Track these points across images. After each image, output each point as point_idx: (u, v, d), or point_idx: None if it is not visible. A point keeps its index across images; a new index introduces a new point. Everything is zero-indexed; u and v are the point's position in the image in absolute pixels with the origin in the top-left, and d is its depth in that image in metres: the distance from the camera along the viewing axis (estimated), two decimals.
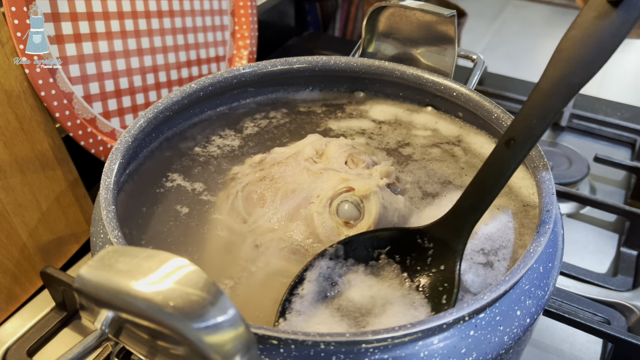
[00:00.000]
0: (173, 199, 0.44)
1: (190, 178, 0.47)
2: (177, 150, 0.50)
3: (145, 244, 0.40)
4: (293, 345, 0.29)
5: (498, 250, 0.39)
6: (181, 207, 0.44)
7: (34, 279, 0.54)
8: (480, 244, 0.40)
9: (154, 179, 0.46)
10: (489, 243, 0.40)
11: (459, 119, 0.53)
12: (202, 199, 0.45)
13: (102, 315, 0.25)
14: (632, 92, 1.60)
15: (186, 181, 0.46)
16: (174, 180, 0.46)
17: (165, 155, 0.49)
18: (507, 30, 1.96)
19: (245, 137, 0.52)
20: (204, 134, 0.52)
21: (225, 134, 0.52)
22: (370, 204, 0.40)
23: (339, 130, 0.53)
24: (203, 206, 0.44)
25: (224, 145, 0.51)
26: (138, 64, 0.61)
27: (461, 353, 0.31)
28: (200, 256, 0.40)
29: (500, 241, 0.40)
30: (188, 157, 0.49)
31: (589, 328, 0.49)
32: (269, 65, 0.54)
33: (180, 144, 0.50)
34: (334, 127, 0.53)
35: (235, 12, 0.74)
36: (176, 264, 0.24)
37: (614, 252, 0.62)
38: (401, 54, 0.56)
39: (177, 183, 0.46)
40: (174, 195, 0.45)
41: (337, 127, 0.53)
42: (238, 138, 0.52)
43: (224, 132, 0.52)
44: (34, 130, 0.52)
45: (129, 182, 0.45)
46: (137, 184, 0.46)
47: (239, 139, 0.51)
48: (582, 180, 0.71)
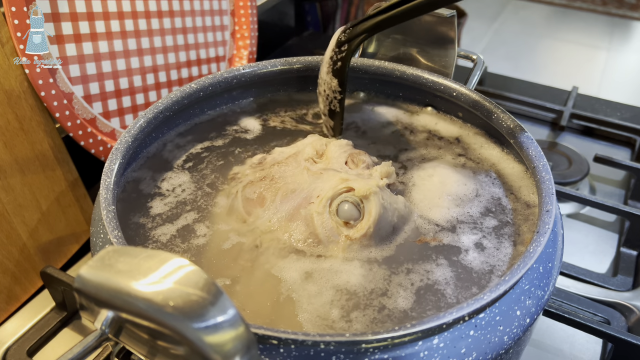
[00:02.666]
0: (173, 198, 0.44)
1: (190, 178, 0.47)
2: (177, 150, 0.50)
3: (145, 244, 0.40)
4: (293, 345, 0.29)
5: (498, 250, 0.40)
6: (181, 207, 0.44)
7: (34, 279, 0.54)
8: (479, 242, 0.40)
9: (154, 179, 0.46)
10: (487, 242, 0.40)
11: (459, 119, 0.53)
12: (202, 198, 0.45)
13: (102, 315, 0.25)
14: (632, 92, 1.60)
15: (186, 181, 0.46)
16: (174, 180, 0.46)
17: (165, 155, 0.49)
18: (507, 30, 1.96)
19: (246, 137, 0.52)
20: (203, 134, 0.52)
21: (225, 134, 0.52)
22: (370, 204, 0.40)
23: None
24: (203, 206, 0.44)
25: (224, 145, 0.51)
26: (138, 64, 0.61)
27: (461, 353, 0.31)
28: (200, 256, 0.40)
29: (499, 241, 0.40)
30: (188, 157, 0.49)
31: (589, 328, 0.49)
32: (269, 65, 0.54)
33: (180, 144, 0.50)
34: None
35: (235, 12, 0.74)
36: (176, 263, 0.24)
37: (613, 252, 0.62)
38: (401, 54, 0.56)
39: (177, 183, 0.46)
40: (174, 195, 0.45)
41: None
42: (238, 138, 0.52)
43: (224, 132, 0.52)
44: (34, 130, 0.52)
45: (129, 182, 0.45)
46: (138, 183, 0.46)
47: (239, 139, 0.51)
48: (582, 180, 0.71)
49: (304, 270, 0.38)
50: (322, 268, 0.38)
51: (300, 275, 0.38)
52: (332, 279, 0.37)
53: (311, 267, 0.38)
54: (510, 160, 0.48)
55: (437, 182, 0.46)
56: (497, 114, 0.47)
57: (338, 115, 0.50)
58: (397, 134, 0.52)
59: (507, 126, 0.46)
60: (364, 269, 0.38)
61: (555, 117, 0.83)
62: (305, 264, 0.38)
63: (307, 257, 0.39)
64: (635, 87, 1.64)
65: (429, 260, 0.39)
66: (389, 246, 0.40)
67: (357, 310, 0.35)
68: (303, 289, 0.37)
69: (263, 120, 0.54)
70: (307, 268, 0.38)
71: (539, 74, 1.48)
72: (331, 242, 0.40)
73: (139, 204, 0.44)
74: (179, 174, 0.47)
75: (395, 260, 0.39)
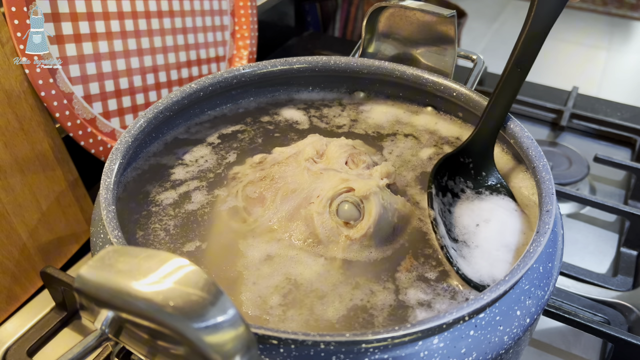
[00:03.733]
0: (173, 199, 0.44)
1: (190, 178, 0.47)
2: (177, 150, 0.50)
3: (145, 244, 0.40)
4: (293, 345, 0.29)
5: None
6: (181, 207, 0.44)
7: (34, 279, 0.54)
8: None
9: (154, 179, 0.46)
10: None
11: (459, 119, 0.53)
12: (202, 198, 0.45)
13: (102, 315, 0.25)
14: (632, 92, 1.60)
15: (186, 181, 0.46)
16: (174, 180, 0.46)
17: (165, 155, 0.49)
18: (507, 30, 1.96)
19: (246, 137, 0.52)
20: (203, 134, 0.52)
21: (225, 134, 0.52)
22: (370, 204, 0.40)
23: (339, 130, 0.53)
24: (203, 206, 0.44)
25: (224, 145, 0.51)
26: (138, 64, 0.61)
27: (461, 353, 0.31)
28: (200, 256, 0.40)
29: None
30: (188, 157, 0.49)
31: (589, 328, 0.49)
32: (269, 65, 0.54)
33: (180, 144, 0.50)
34: (334, 128, 0.53)
35: (235, 12, 0.74)
36: (176, 264, 0.24)
37: (614, 252, 0.62)
38: (401, 54, 0.56)
39: (177, 183, 0.46)
40: (174, 195, 0.45)
41: (337, 127, 0.53)
42: (238, 138, 0.52)
43: (224, 132, 0.52)
44: (34, 130, 0.52)
45: (129, 182, 0.45)
46: (137, 183, 0.46)
47: (239, 139, 0.51)
48: (582, 180, 0.71)
49: (266, 252, 0.39)
50: (284, 255, 0.39)
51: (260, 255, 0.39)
52: (289, 266, 0.38)
53: (274, 252, 0.40)
54: (510, 160, 0.48)
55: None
56: None
57: None
58: (396, 134, 0.52)
59: (507, 126, 0.46)
60: (319, 266, 0.39)
61: (555, 117, 0.83)
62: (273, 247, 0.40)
63: (307, 257, 0.39)
64: (635, 87, 1.64)
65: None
66: (389, 247, 0.40)
67: (296, 304, 0.36)
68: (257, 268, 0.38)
69: (263, 121, 0.54)
70: (270, 251, 0.40)
71: (539, 74, 1.48)
72: (331, 242, 0.40)
73: (139, 204, 0.44)
74: (179, 173, 0.47)
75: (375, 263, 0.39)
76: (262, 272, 0.38)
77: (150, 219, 0.42)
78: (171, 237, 0.41)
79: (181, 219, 0.43)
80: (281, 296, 0.37)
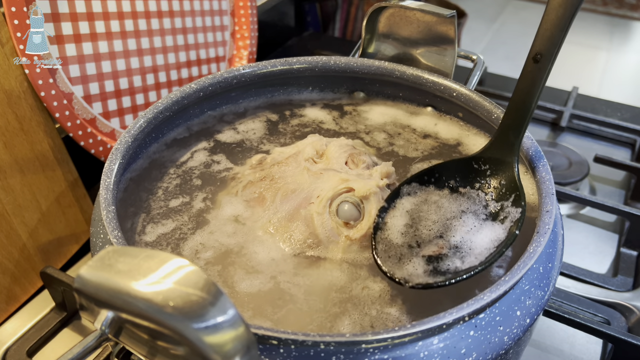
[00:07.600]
0: (173, 198, 0.44)
1: (190, 178, 0.47)
2: (177, 150, 0.50)
3: (145, 244, 0.40)
4: (293, 345, 0.29)
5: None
6: (181, 207, 0.44)
7: (33, 279, 0.54)
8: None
9: (154, 179, 0.46)
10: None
11: (459, 119, 0.53)
12: (202, 198, 0.45)
13: (102, 315, 0.25)
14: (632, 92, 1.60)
15: (186, 181, 0.46)
16: (174, 180, 0.46)
17: (165, 155, 0.49)
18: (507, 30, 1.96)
19: (246, 137, 0.52)
20: (203, 134, 0.52)
21: (225, 134, 0.52)
22: (370, 204, 0.40)
23: (339, 130, 0.53)
24: (203, 206, 0.44)
25: (224, 146, 0.51)
26: (138, 64, 0.61)
27: (461, 353, 0.31)
28: (200, 256, 0.40)
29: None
30: (188, 157, 0.49)
31: (589, 328, 0.49)
32: (269, 65, 0.54)
33: (180, 144, 0.50)
34: (334, 127, 0.53)
35: (235, 12, 0.74)
36: (176, 264, 0.24)
37: (614, 253, 0.62)
38: (401, 55, 0.56)
39: (177, 183, 0.46)
40: (174, 195, 0.45)
41: (337, 127, 0.53)
42: (238, 138, 0.52)
43: (224, 132, 0.52)
44: (34, 130, 0.52)
45: (129, 182, 0.45)
46: (137, 184, 0.46)
47: (239, 139, 0.51)
48: (582, 180, 0.71)
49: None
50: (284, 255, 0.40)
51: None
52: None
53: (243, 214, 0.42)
54: None
55: None
56: (497, 114, 0.47)
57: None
58: (396, 134, 0.52)
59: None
60: (319, 268, 0.39)
61: (555, 117, 0.83)
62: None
63: (306, 257, 0.39)
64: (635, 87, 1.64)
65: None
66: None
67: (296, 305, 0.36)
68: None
69: (263, 121, 0.54)
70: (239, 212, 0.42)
71: None
72: (331, 242, 0.40)
73: (138, 204, 0.44)
74: (179, 173, 0.47)
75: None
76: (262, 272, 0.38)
77: (150, 219, 0.42)
78: (171, 237, 0.41)
79: (181, 220, 0.43)
80: (278, 298, 0.37)
